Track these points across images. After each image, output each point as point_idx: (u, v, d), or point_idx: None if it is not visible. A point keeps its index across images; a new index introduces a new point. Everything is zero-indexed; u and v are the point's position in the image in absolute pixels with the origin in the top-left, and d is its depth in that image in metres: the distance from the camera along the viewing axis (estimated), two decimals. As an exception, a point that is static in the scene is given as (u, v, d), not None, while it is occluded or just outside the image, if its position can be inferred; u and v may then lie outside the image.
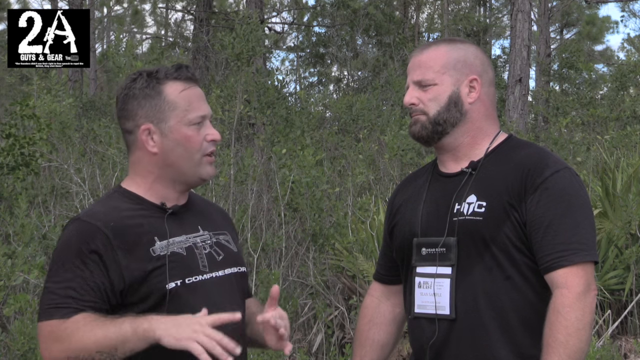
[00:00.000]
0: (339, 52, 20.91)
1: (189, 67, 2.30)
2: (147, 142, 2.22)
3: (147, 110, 2.22)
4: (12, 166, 6.71)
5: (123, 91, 2.26)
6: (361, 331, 2.65)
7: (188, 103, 2.24)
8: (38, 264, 5.19)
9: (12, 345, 4.68)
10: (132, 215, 2.19)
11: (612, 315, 6.47)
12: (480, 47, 2.57)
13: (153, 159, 2.23)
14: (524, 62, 12.77)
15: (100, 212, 2.19)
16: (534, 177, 2.30)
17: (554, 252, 2.25)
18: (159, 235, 2.17)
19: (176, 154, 2.22)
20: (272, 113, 9.14)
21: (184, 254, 2.19)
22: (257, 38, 7.99)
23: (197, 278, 2.18)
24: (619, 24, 36.89)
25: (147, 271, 2.12)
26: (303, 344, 6.48)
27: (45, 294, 2.12)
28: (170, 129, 2.21)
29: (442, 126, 2.41)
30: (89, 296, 2.09)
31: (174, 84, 2.24)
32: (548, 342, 2.21)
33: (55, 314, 2.08)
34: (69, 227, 2.19)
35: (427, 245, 2.40)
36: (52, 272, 2.14)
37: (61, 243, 2.17)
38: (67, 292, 2.09)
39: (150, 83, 2.23)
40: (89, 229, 2.14)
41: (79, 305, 2.08)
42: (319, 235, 6.84)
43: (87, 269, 2.10)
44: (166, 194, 2.26)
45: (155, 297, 2.12)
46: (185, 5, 23.27)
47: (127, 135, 2.27)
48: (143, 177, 2.26)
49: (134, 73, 2.29)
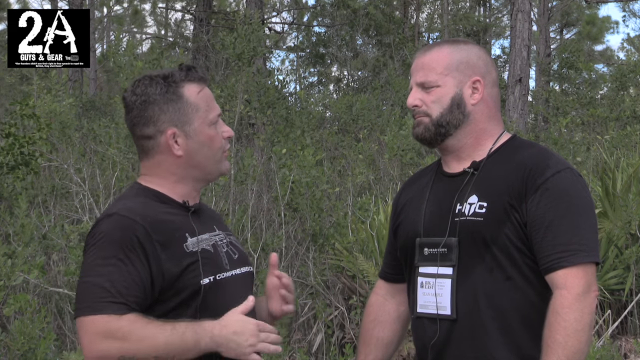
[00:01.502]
0: (339, 52, 20.90)
1: (197, 68, 2.32)
2: (173, 146, 2.23)
3: (171, 115, 2.22)
4: (12, 166, 6.71)
5: (138, 98, 2.24)
6: (366, 329, 2.66)
7: (206, 103, 2.27)
8: (38, 264, 5.19)
9: (12, 345, 4.68)
10: (163, 211, 2.21)
11: (612, 315, 6.47)
12: (483, 48, 2.57)
13: (177, 162, 2.25)
14: (524, 62, 12.77)
15: (135, 207, 2.17)
16: (535, 177, 2.30)
17: (554, 252, 2.25)
18: (189, 232, 2.20)
19: (202, 155, 2.25)
20: (273, 113, 9.14)
21: (212, 251, 2.23)
22: (258, 38, 7.99)
23: (224, 275, 2.23)
24: (619, 24, 36.90)
25: (183, 266, 2.14)
26: (303, 344, 6.48)
27: (89, 288, 2.07)
28: (195, 131, 2.24)
29: (445, 128, 2.41)
30: (135, 291, 2.07)
31: (191, 86, 2.26)
32: (547, 343, 2.21)
33: (105, 308, 2.04)
34: (104, 222, 2.15)
35: (429, 245, 2.40)
36: (94, 266, 2.09)
37: (100, 237, 2.12)
38: (116, 287, 2.06)
39: (169, 87, 2.24)
40: (128, 223, 2.12)
41: (128, 301, 2.06)
42: (319, 235, 6.84)
43: (132, 264, 2.08)
44: (187, 193, 2.28)
45: (188, 293, 2.14)
46: (185, 5, 23.28)
47: (144, 140, 2.25)
48: (164, 178, 2.26)
49: (143, 78, 2.27)
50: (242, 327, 2.11)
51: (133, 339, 2.02)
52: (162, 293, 2.13)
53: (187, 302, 2.14)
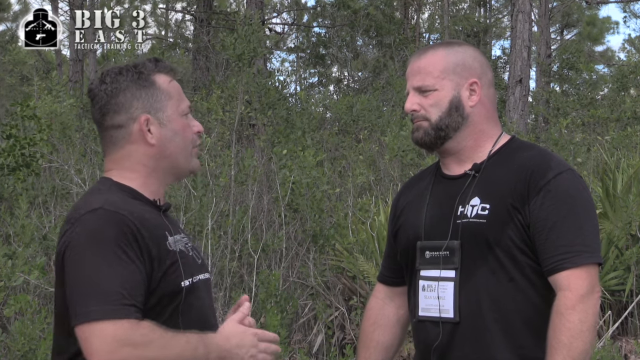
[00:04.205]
0: (340, 53, 20.90)
1: (165, 60, 2.26)
2: (146, 133, 2.14)
3: (143, 101, 2.15)
4: (13, 167, 6.72)
5: (108, 86, 2.15)
6: (365, 333, 2.65)
7: (178, 93, 2.22)
8: (38, 265, 5.19)
9: (13, 345, 4.69)
10: (141, 209, 2.09)
11: (613, 316, 6.47)
12: (478, 49, 2.56)
13: (149, 151, 2.15)
14: (525, 62, 12.77)
15: (118, 202, 2.04)
16: (537, 179, 2.30)
17: (557, 254, 2.25)
18: (167, 231, 2.12)
19: (174, 144, 2.17)
20: (273, 114, 9.14)
21: (187, 252, 2.15)
22: (258, 39, 7.99)
23: (198, 278, 2.16)
24: (619, 25, 36.87)
25: (167, 266, 2.06)
26: (303, 345, 6.48)
27: (94, 290, 1.91)
28: (169, 118, 2.17)
29: (445, 131, 2.41)
30: (141, 291, 1.97)
31: (161, 76, 2.21)
32: (552, 344, 2.21)
33: (119, 313, 1.90)
34: (89, 218, 1.99)
35: (430, 249, 2.40)
36: (95, 265, 1.94)
37: (91, 234, 1.97)
38: (126, 288, 1.93)
39: (141, 75, 2.17)
40: (119, 217, 1.99)
41: (137, 302, 1.94)
42: (320, 236, 6.84)
43: (132, 262, 1.96)
44: (157, 189, 2.20)
45: (169, 293, 2.05)
46: (185, 6, 23.27)
47: (113, 130, 2.15)
48: (135, 172, 2.16)
49: (109, 69, 2.19)
50: (242, 339, 2.08)
51: (154, 347, 1.92)
52: (150, 292, 2.03)
53: (166, 303, 2.05)
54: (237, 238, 6.69)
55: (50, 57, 21.14)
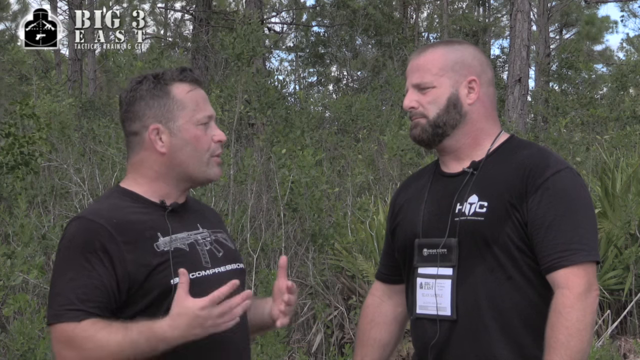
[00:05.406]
0: (339, 52, 20.90)
1: (192, 69, 2.33)
2: (155, 141, 2.23)
3: (155, 111, 2.23)
4: (12, 165, 6.72)
5: (129, 94, 2.27)
6: (363, 331, 2.65)
7: (195, 103, 2.27)
8: (37, 264, 5.19)
9: (12, 345, 4.69)
10: (134, 212, 2.20)
11: (612, 315, 6.48)
12: (478, 47, 2.57)
13: (160, 159, 2.24)
14: (524, 62, 12.77)
15: (102, 209, 2.19)
16: (535, 177, 2.30)
17: (554, 252, 2.25)
18: (162, 232, 2.19)
19: (185, 153, 2.24)
20: (272, 113, 9.14)
21: (187, 250, 2.21)
22: (258, 38, 7.99)
23: (201, 273, 2.20)
24: (618, 24, 36.90)
25: (153, 266, 2.13)
26: (302, 344, 6.48)
27: (53, 295, 2.11)
28: (179, 128, 2.23)
29: (442, 128, 2.41)
30: (97, 297, 2.08)
31: (181, 86, 2.27)
32: (549, 343, 2.21)
33: (64, 316, 2.07)
34: (71, 226, 2.18)
35: (428, 246, 2.40)
36: (58, 272, 2.13)
37: (65, 242, 2.16)
38: (76, 293, 2.07)
39: (157, 84, 2.25)
40: (92, 226, 2.13)
41: (88, 307, 2.07)
42: (319, 235, 6.84)
43: (94, 268, 2.09)
44: (168, 192, 2.27)
45: (158, 293, 2.12)
46: (184, 5, 23.26)
47: (131, 137, 2.27)
48: (145, 177, 2.26)
49: (138, 76, 2.30)
50: (191, 319, 2.02)
51: (88, 346, 2.03)
52: (132, 294, 2.12)
53: (157, 303, 2.12)
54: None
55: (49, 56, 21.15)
